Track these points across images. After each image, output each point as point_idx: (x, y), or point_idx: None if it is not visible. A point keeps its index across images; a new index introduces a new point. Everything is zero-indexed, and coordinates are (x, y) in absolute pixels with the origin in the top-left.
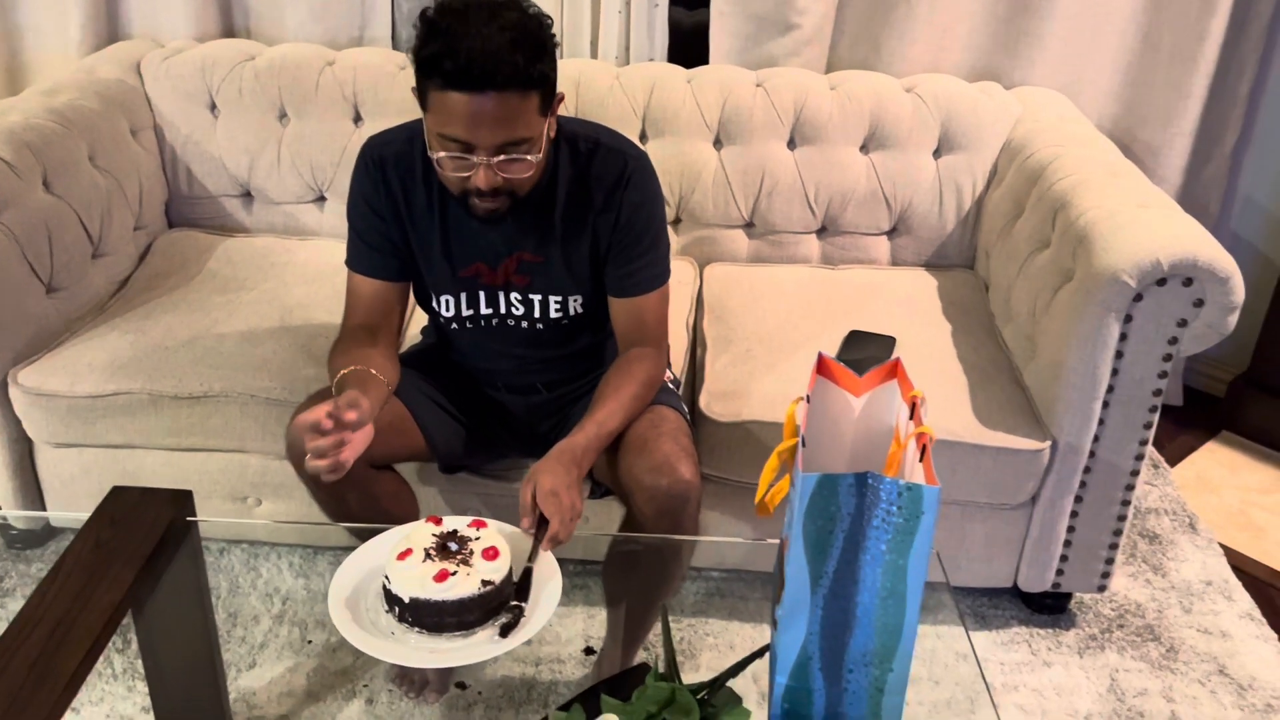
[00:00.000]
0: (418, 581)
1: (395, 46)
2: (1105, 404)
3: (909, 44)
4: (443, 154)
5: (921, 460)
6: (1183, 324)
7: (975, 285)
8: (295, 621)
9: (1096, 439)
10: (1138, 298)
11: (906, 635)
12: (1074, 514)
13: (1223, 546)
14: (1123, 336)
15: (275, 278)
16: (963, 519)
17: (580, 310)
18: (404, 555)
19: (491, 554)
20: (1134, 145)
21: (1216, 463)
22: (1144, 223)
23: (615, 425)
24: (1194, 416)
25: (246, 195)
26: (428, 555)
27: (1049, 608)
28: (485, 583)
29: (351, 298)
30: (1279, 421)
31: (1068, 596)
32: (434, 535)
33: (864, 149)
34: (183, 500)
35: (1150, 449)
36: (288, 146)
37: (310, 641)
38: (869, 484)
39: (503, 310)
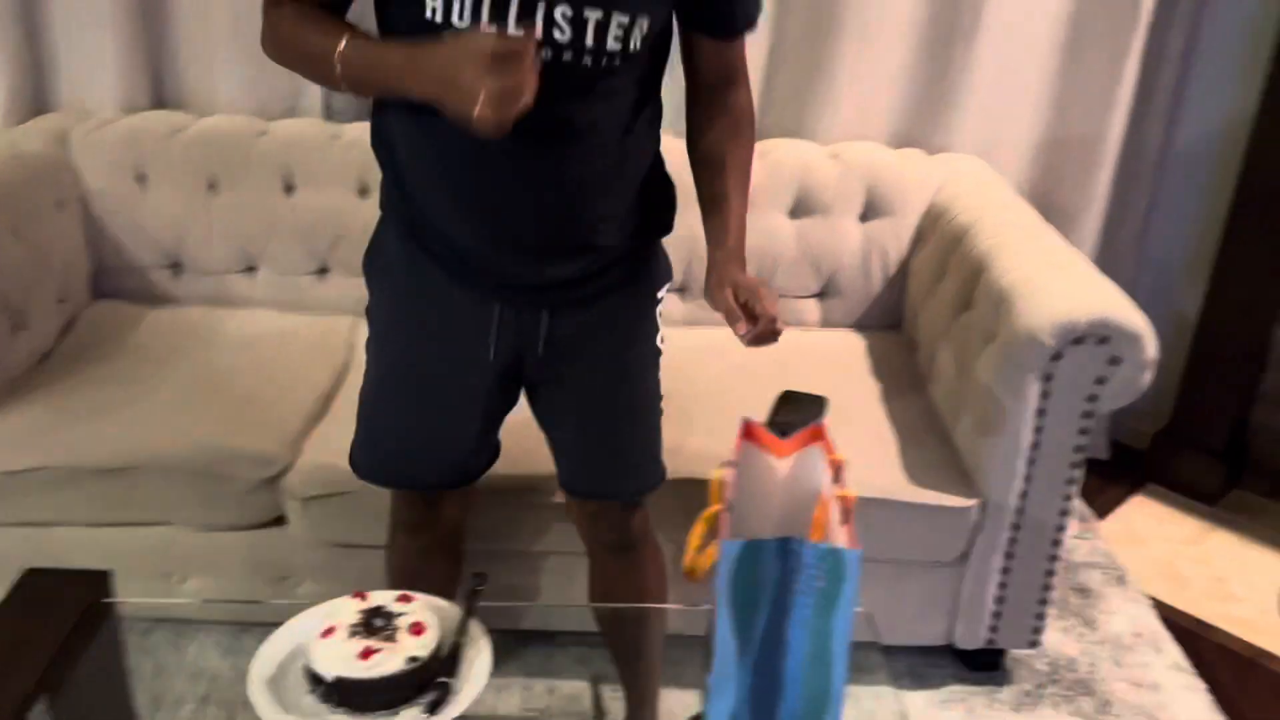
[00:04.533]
0: (341, 660)
1: (328, 117)
2: (1030, 461)
3: (834, 112)
4: None
5: (845, 524)
6: (1101, 381)
7: (904, 345)
8: (221, 703)
9: (1023, 495)
10: (1057, 357)
11: (834, 699)
12: (1005, 570)
13: (1151, 599)
14: (1044, 395)
15: (204, 348)
16: (897, 577)
17: (638, 46)
18: (328, 633)
19: (418, 629)
20: (1051, 207)
21: (1144, 515)
22: (1061, 284)
23: (745, 205)
24: (1121, 470)
25: (175, 266)
26: (352, 632)
27: (984, 665)
28: (412, 659)
29: None
30: (1201, 473)
31: (1002, 653)
32: (359, 612)
33: (792, 214)
34: (101, 580)
35: (1080, 503)
36: (218, 217)
37: None
38: (792, 549)
39: (539, 34)
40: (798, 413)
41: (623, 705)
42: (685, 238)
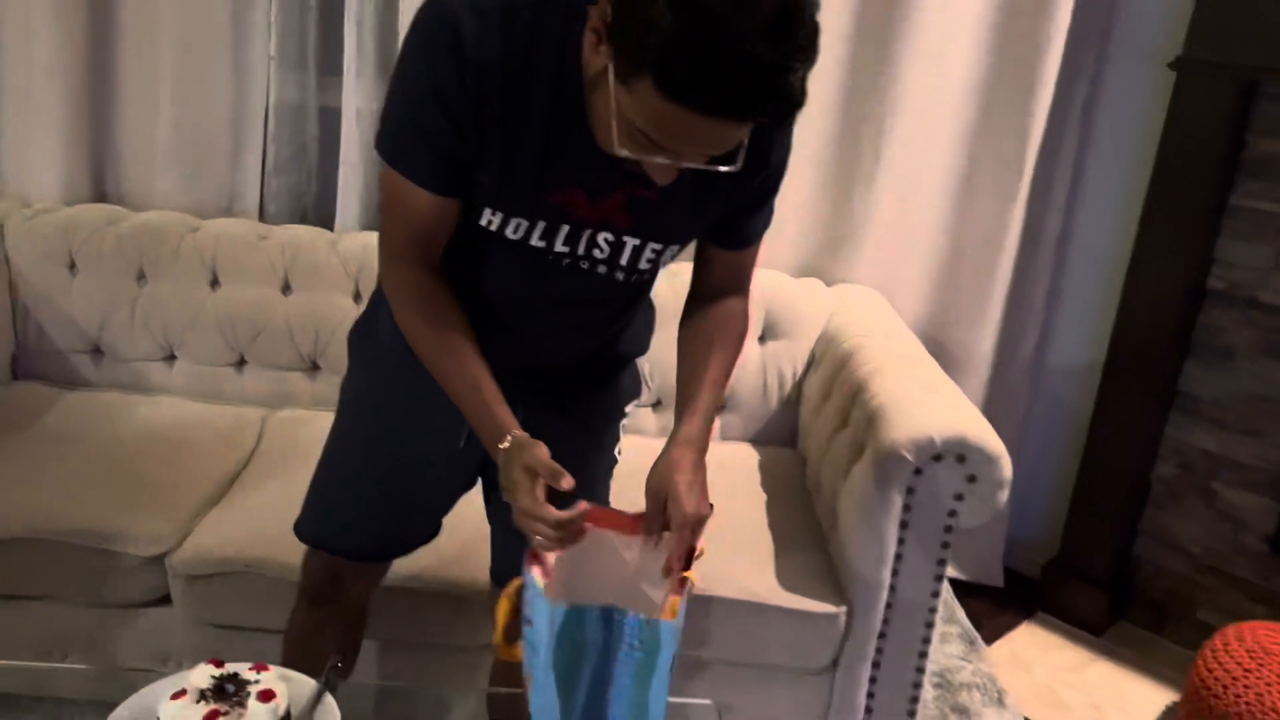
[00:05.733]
0: None
1: (262, 218)
2: (895, 572)
3: None
4: (627, 151)
5: (677, 593)
6: (959, 498)
7: (796, 461)
8: None
9: (889, 606)
10: (918, 472)
11: None
12: (872, 680)
13: None
14: (906, 508)
15: (112, 431)
16: (769, 684)
17: (666, 263)
18: (177, 696)
19: (267, 696)
20: (947, 341)
21: (1031, 642)
22: (925, 405)
23: (720, 400)
24: (1013, 597)
25: (96, 351)
26: (202, 696)
27: None
28: None
29: (401, 205)
30: (1087, 604)
31: None
32: (212, 677)
33: None
34: None
35: (968, 625)
36: (142, 306)
37: None
38: (615, 619)
39: (581, 251)
40: None
41: None
42: (665, 354)
